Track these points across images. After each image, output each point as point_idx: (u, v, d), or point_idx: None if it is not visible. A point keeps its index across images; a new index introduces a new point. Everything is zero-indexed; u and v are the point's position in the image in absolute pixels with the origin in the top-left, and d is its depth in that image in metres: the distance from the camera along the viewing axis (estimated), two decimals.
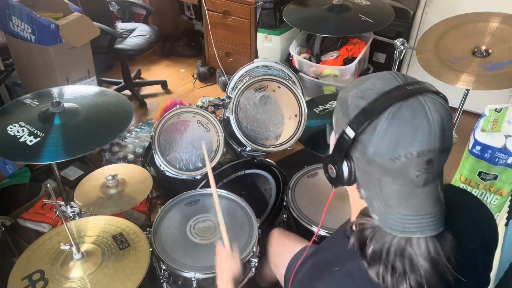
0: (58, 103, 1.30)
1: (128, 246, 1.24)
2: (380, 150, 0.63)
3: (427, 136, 0.62)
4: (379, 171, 0.65)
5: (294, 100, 1.65)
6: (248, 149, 1.63)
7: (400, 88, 0.65)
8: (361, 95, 0.67)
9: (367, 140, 0.64)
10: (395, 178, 0.64)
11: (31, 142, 1.22)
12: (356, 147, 0.66)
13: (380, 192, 0.66)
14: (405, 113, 0.62)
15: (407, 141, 0.62)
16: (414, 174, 0.63)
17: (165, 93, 3.20)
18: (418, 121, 0.62)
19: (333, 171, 0.72)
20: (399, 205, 0.65)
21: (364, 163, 0.67)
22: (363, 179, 0.69)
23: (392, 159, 0.63)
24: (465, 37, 1.56)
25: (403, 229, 0.64)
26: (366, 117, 0.64)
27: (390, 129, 0.62)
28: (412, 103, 0.63)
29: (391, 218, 0.65)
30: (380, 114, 0.63)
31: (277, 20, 2.69)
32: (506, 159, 1.78)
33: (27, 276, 1.15)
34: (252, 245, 1.36)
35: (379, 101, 0.64)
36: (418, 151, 0.61)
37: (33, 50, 2.19)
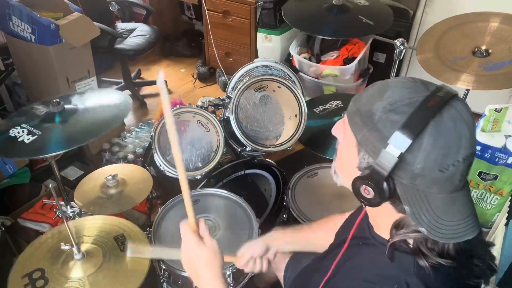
0: (58, 102, 1.31)
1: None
2: (428, 164, 0.62)
3: (470, 141, 0.62)
4: (426, 183, 0.63)
5: (294, 100, 1.65)
6: (248, 149, 1.63)
7: (432, 98, 0.63)
8: (391, 108, 0.63)
9: (412, 157, 0.62)
10: (442, 188, 0.64)
11: (29, 140, 1.23)
12: (398, 165, 0.63)
13: (427, 205, 0.64)
14: (447, 123, 0.61)
15: (454, 150, 0.61)
16: (458, 179, 0.63)
17: None
18: (459, 128, 0.62)
19: (369, 192, 0.67)
20: (446, 214, 0.64)
21: (408, 179, 0.64)
22: (405, 195, 0.66)
23: (441, 170, 0.62)
24: (465, 37, 1.56)
25: (454, 236, 0.64)
26: (410, 134, 0.61)
27: (436, 142, 0.61)
28: (449, 111, 0.62)
29: (443, 228, 0.64)
30: (424, 129, 0.61)
31: (277, 20, 2.69)
32: (506, 159, 1.78)
33: (27, 274, 1.15)
34: None
35: (418, 115, 0.61)
36: (463, 157, 0.62)
37: (33, 50, 2.19)
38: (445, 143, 0.61)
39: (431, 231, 0.64)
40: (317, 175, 1.70)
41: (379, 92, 0.67)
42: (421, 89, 0.65)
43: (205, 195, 1.56)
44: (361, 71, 2.66)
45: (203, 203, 1.52)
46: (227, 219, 1.46)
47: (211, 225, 1.44)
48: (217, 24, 2.93)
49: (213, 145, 1.63)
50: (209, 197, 1.55)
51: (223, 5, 2.80)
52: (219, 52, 3.06)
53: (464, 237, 0.64)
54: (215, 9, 2.86)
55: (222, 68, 3.12)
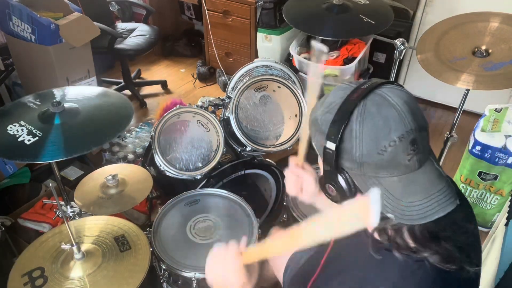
0: (58, 103, 1.30)
1: (129, 248, 1.24)
2: (365, 149, 0.65)
3: (400, 121, 0.64)
4: (373, 169, 0.66)
5: (294, 100, 1.65)
6: (248, 149, 1.63)
7: (355, 90, 0.69)
8: (327, 110, 0.70)
9: (349, 147, 0.66)
10: (390, 170, 0.66)
11: (29, 142, 1.22)
12: (342, 157, 0.68)
13: (385, 190, 0.67)
14: (371, 109, 0.66)
15: (385, 132, 0.64)
16: (405, 158, 0.65)
17: (165, 93, 3.20)
18: (385, 111, 0.65)
19: (332, 189, 0.73)
20: (406, 194, 0.65)
21: (357, 169, 0.68)
22: (362, 184, 0.69)
23: (380, 153, 0.64)
24: (465, 37, 1.56)
25: (423, 216, 0.64)
26: (338, 126, 0.66)
27: (364, 127, 0.65)
28: (372, 98, 0.67)
29: (407, 211, 0.65)
30: (349, 118, 0.66)
31: (277, 20, 2.69)
32: (506, 159, 1.78)
33: (27, 273, 1.15)
34: (253, 245, 1.36)
35: (343, 108, 0.67)
36: (399, 136, 0.64)
37: (33, 50, 2.19)
38: (372, 127, 0.65)
39: (397, 216, 0.65)
40: (317, 175, 1.70)
41: (322, 100, 0.74)
42: (351, 87, 0.70)
43: (205, 195, 1.56)
44: (361, 71, 2.66)
45: (203, 203, 1.52)
46: (227, 219, 1.46)
47: (211, 225, 1.44)
48: (217, 24, 2.93)
49: (213, 145, 1.63)
50: (209, 197, 1.55)
51: (223, 5, 2.80)
52: (219, 52, 3.06)
53: (434, 215, 0.64)
54: (215, 9, 2.86)
55: (222, 68, 3.12)
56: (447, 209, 0.64)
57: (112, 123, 1.33)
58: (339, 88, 0.72)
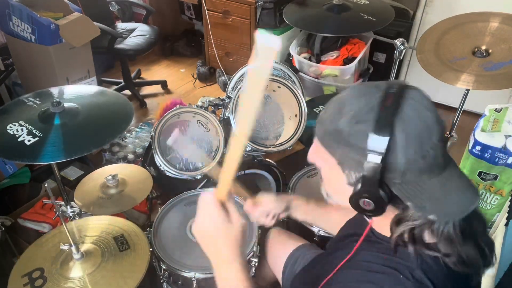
0: (58, 103, 1.30)
1: (128, 248, 1.24)
2: (410, 157, 0.64)
3: (436, 122, 0.65)
4: (416, 174, 0.65)
5: (294, 100, 1.65)
6: (248, 149, 1.63)
7: (387, 96, 0.65)
8: (357, 120, 0.66)
9: (394, 157, 0.64)
10: (430, 173, 0.66)
11: (29, 142, 1.22)
12: (384, 169, 0.64)
13: (425, 193, 0.65)
14: (411, 114, 0.64)
15: (427, 136, 0.64)
16: (441, 158, 0.66)
17: (165, 93, 3.20)
18: (423, 115, 0.65)
19: (369, 204, 0.68)
20: (445, 193, 0.66)
21: (399, 178, 0.65)
22: (403, 192, 0.66)
23: (424, 157, 0.64)
24: (465, 37, 1.56)
25: (463, 209, 0.65)
26: (382, 137, 0.63)
27: (408, 135, 0.63)
28: (407, 103, 0.65)
29: (448, 208, 0.66)
30: (393, 128, 0.63)
31: (277, 20, 2.69)
32: (506, 159, 1.78)
33: (27, 274, 1.15)
34: (252, 245, 1.36)
35: (381, 117, 0.64)
36: (437, 139, 0.65)
37: (33, 50, 2.19)
38: (416, 133, 0.64)
39: (439, 215, 0.65)
40: (317, 175, 1.70)
41: (338, 109, 0.69)
42: (373, 91, 0.67)
43: None
44: (361, 71, 2.66)
45: None
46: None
47: None
48: (217, 24, 2.93)
49: (213, 145, 1.63)
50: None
51: (223, 5, 2.80)
52: (219, 52, 3.06)
53: (471, 207, 0.65)
54: (215, 9, 2.87)
55: (222, 68, 3.12)
56: (476, 201, 0.66)
57: (112, 124, 1.33)
58: (359, 94, 0.68)
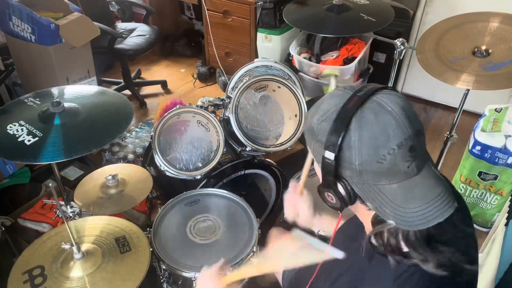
0: (58, 103, 1.30)
1: (129, 250, 1.24)
2: (364, 158, 0.65)
3: (398, 128, 0.64)
4: (373, 177, 0.66)
5: (294, 100, 1.65)
6: (248, 149, 1.63)
7: (352, 97, 0.67)
8: (323, 118, 0.69)
9: (348, 155, 0.66)
10: (390, 177, 0.66)
11: (29, 142, 1.22)
12: (342, 166, 0.68)
13: (385, 197, 0.67)
14: (368, 117, 0.65)
15: (383, 139, 0.64)
16: (405, 165, 0.65)
17: (165, 93, 3.20)
18: (382, 118, 0.64)
19: (332, 197, 0.73)
20: (407, 201, 0.65)
21: (357, 177, 0.67)
22: (363, 192, 0.69)
23: (379, 161, 0.64)
24: (465, 37, 1.56)
25: (424, 221, 0.64)
26: (337, 135, 0.66)
27: (363, 136, 0.64)
28: (369, 106, 0.66)
29: (408, 217, 0.65)
30: (347, 127, 0.65)
31: (277, 20, 2.69)
32: (506, 159, 1.78)
33: (27, 271, 1.15)
34: (252, 245, 1.36)
35: (340, 117, 0.66)
36: (397, 144, 0.64)
37: (33, 50, 2.19)
38: (371, 136, 0.64)
39: (398, 221, 0.66)
40: (317, 175, 1.70)
41: (316, 107, 0.73)
42: (348, 94, 0.69)
43: (205, 195, 1.56)
44: (361, 71, 2.66)
45: (203, 203, 1.52)
46: (227, 219, 1.46)
47: (211, 225, 1.44)
48: (217, 24, 2.93)
49: (213, 145, 1.63)
50: (209, 197, 1.55)
51: (223, 5, 2.80)
52: (219, 52, 3.06)
53: (435, 220, 0.64)
54: (215, 9, 2.86)
55: (222, 68, 3.12)
56: (446, 214, 0.64)
57: (112, 124, 1.33)
58: (334, 95, 0.71)
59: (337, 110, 0.68)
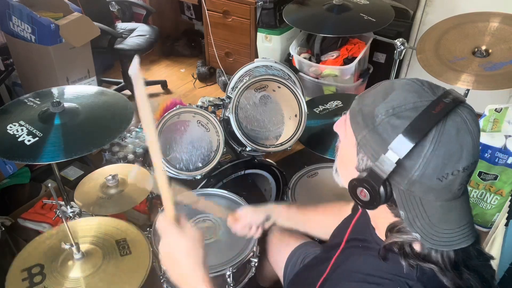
0: (58, 103, 1.30)
1: (129, 253, 1.23)
2: (427, 172, 0.60)
3: (472, 151, 0.61)
4: (423, 190, 0.62)
5: (294, 100, 1.65)
6: (248, 149, 1.63)
7: (438, 103, 0.61)
8: (394, 112, 0.62)
9: (411, 164, 0.61)
10: (439, 195, 0.63)
11: (29, 142, 1.22)
12: (397, 171, 0.62)
13: (423, 211, 0.64)
14: (450, 131, 0.60)
15: (455, 160, 0.60)
16: (457, 188, 0.62)
17: (165, 93, 3.20)
18: (462, 137, 0.60)
19: (366, 195, 0.66)
20: (442, 222, 0.64)
21: (406, 185, 0.63)
22: (401, 200, 0.65)
23: (439, 179, 0.61)
24: (465, 37, 1.56)
25: (447, 244, 0.64)
26: (410, 140, 0.59)
27: (437, 150, 0.59)
28: (454, 119, 0.60)
29: (436, 236, 0.63)
30: (426, 136, 0.59)
31: (277, 20, 2.69)
32: (506, 159, 1.78)
33: (26, 269, 1.15)
34: (252, 245, 1.35)
35: (420, 121, 0.60)
36: (464, 167, 0.61)
37: (33, 50, 2.19)
38: (446, 152, 0.60)
39: (424, 237, 0.64)
40: (317, 175, 1.70)
41: (383, 94, 0.65)
42: (427, 93, 0.63)
43: (205, 195, 1.55)
44: (361, 71, 2.66)
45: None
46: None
47: (211, 225, 1.43)
48: (217, 24, 2.93)
49: (213, 145, 1.63)
50: (209, 197, 1.55)
51: (223, 5, 2.80)
52: (219, 52, 3.06)
53: (457, 246, 0.64)
54: (215, 9, 2.86)
55: (222, 68, 3.12)
56: (469, 242, 0.64)
57: (112, 125, 1.33)
58: (410, 88, 0.63)
59: (417, 110, 0.60)
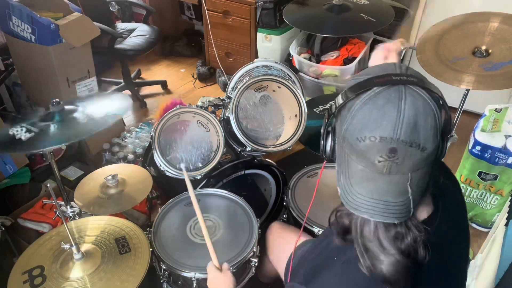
0: (58, 102, 1.31)
1: (128, 251, 1.23)
2: (349, 128, 0.68)
3: (393, 125, 0.63)
4: (349, 148, 0.69)
5: (294, 100, 1.65)
6: (248, 149, 1.63)
7: (386, 76, 0.67)
8: (358, 76, 0.71)
9: (344, 117, 0.69)
10: (359, 159, 0.68)
11: (25, 137, 1.23)
12: (337, 121, 0.73)
13: (347, 169, 0.70)
14: (379, 99, 0.65)
15: (373, 125, 0.65)
16: (376, 159, 0.65)
17: (165, 93, 3.20)
18: (387, 109, 0.64)
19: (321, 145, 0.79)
20: (358, 185, 0.69)
21: (340, 140, 0.71)
22: (338, 155, 0.74)
23: (358, 139, 0.66)
24: (465, 37, 1.56)
25: (357, 208, 0.68)
26: (350, 92, 0.68)
27: (361, 110, 0.66)
28: (390, 92, 0.65)
29: (350, 195, 0.69)
30: (359, 95, 0.67)
31: (277, 20, 2.69)
32: (506, 159, 1.78)
33: (27, 271, 1.16)
34: (252, 245, 1.36)
35: (362, 83, 0.68)
36: (381, 136, 0.64)
37: (33, 50, 2.19)
38: (367, 114, 0.66)
39: (342, 194, 0.71)
40: (317, 175, 1.70)
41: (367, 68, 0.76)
42: (391, 68, 0.70)
43: (205, 195, 1.56)
44: (361, 71, 2.66)
45: (203, 203, 1.52)
46: (227, 219, 1.46)
47: (211, 225, 1.44)
48: (217, 24, 2.93)
49: (213, 145, 1.63)
50: (209, 197, 1.55)
51: (223, 5, 2.80)
52: (219, 52, 3.06)
53: (364, 213, 0.68)
54: (215, 9, 2.87)
55: (222, 68, 3.12)
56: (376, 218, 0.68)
57: (107, 113, 1.34)
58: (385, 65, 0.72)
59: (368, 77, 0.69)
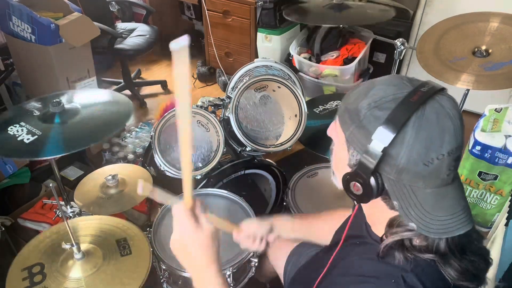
0: (58, 102, 1.30)
1: (129, 253, 1.23)
2: (412, 158, 0.62)
3: (454, 135, 0.63)
4: (411, 178, 0.64)
5: (294, 100, 1.65)
6: (248, 149, 1.63)
7: (415, 92, 0.64)
8: (376, 105, 0.65)
9: (396, 152, 0.63)
10: (428, 182, 0.64)
11: (28, 140, 1.23)
12: (384, 160, 0.64)
13: (415, 199, 0.65)
14: (430, 117, 0.62)
15: (437, 144, 0.62)
16: (445, 173, 0.64)
17: (165, 93, 3.20)
18: (442, 122, 0.62)
19: (359, 188, 0.68)
20: (435, 209, 0.65)
21: (394, 174, 0.65)
22: (393, 190, 0.67)
23: (426, 164, 0.63)
24: (465, 37, 1.56)
25: (445, 231, 0.65)
26: (392, 128, 0.62)
27: (419, 135, 0.62)
28: (432, 105, 0.63)
29: (432, 223, 0.65)
30: (406, 123, 0.62)
31: (277, 20, 2.69)
32: (506, 159, 1.78)
33: (27, 268, 1.15)
34: None
35: (400, 110, 0.62)
36: (448, 151, 0.63)
37: (33, 50, 2.19)
38: (427, 136, 0.62)
39: (420, 226, 0.65)
40: (317, 175, 1.70)
41: (365, 90, 0.68)
42: (406, 85, 0.66)
43: (205, 195, 1.56)
44: (361, 71, 2.66)
45: None
46: (227, 219, 1.46)
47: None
48: (217, 24, 2.93)
49: (213, 145, 1.63)
50: (209, 197, 1.55)
51: (223, 5, 2.80)
52: (219, 52, 3.06)
53: (455, 232, 0.65)
54: (215, 9, 2.87)
55: (222, 68, 3.12)
56: (466, 228, 0.65)
57: (111, 120, 1.33)
58: (390, 82, 0.67)
59: (397, 100, 0.63)
